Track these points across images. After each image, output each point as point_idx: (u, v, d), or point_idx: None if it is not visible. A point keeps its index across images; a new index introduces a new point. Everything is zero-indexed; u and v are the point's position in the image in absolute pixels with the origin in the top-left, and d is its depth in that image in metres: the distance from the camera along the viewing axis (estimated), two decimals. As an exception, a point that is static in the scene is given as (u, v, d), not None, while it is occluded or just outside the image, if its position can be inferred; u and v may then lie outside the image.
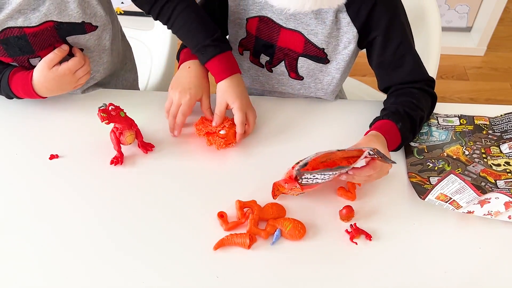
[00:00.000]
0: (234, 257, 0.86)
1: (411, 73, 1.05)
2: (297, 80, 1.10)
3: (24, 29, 0.98)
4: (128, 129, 0.97)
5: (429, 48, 1.28)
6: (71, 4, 0.98)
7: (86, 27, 1.03)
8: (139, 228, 0.90)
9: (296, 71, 1.09)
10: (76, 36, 1.04)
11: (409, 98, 1.02)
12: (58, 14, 0.98)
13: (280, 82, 1.12)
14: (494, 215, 0.90)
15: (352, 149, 0.91)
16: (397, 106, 1.01)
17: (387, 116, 1.00)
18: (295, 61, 1.07)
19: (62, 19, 0.99)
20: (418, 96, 1.03)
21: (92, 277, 0.83)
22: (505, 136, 1.06)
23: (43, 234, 0.89)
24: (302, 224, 0.89)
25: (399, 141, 0.99)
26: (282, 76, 1.11)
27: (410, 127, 1.00)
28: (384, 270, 0.85)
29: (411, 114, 1.00)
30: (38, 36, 1.00)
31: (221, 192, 0.96)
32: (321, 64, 1.07)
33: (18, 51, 1.02)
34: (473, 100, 2.32)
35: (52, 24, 0.99)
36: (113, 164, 0.99)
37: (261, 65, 1.12)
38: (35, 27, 0.99)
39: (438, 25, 1.27)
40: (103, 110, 0.92)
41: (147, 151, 1.01)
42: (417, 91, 1.04)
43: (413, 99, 1.02)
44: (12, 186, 0.97)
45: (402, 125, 0.98)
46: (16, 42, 1.00)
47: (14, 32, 0.99)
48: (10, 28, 0.98)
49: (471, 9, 2.49)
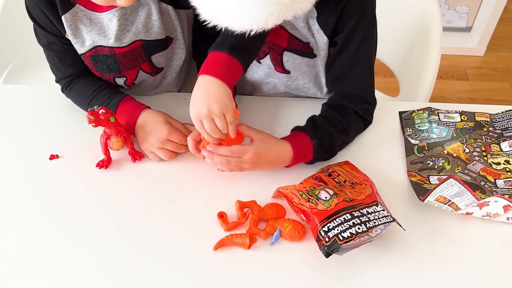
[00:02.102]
0: (234, 257, 0.86)
1: (354, 86, 1.03)
2: (283, 74, 1.09)
3: (114, 49, 1.01)
4: (115, 135, 0.97)
5: (429, 48, 1.28)
6: (156, 21, 1.00)
7: (168, 41, 1.05)
8: (139, 228, 0.90)
9: (282, 65, 1.06)
10: (160, 53, 1.06)
11: (341, 118, 1.01)
12: (145, 32, 1.01)
13: (267, 74, 1.10)
14: (492, 217, 0.90)
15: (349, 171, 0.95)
16: (323, 123, 0.99)
17: (306, 129, 0.98)
18: (280, 56, 1.04)
19: (149, 37, 1.02)
20: (351, 120, 1.02)
21: (92, 277, 0.83)
22: (505, 133, 1.06)
23: (43, 234, 0.89)
24: (301, 225, 0.89)
25: (311, 157, 0.97)
26: (269, 69, 1.09)
27: (327, 147, 0.99)
28: (384, 270, 0.85)
29: (334, 135, 0.99)
30: (126, 56, 1.03)
31: (221, 192, 0.96)
32: (307, 58, 1.04)
33: (105, 68, 1.04)
34: (473, 100, 2.32)
35: (141, 43, 1.02)
36: (98, 167, 0.99)
37: None
38: (125, 47, 1.01)
39: (439, 26, 1.27)
40: (92, 113, 0.92)
41: (135, 159, 1.01)
42: (352, 114, 1.03)
43: (344, 121, 1.01)
44: (12, 186, 0.97)
45: (318, 142, 0.96)
46: (105, 60, 1.03)
47: (104, 51, 1.02)
48: (101, 46, 1.01)
49: (471, 9, 2.49)
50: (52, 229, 0.89)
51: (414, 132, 1.07)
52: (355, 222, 0.83)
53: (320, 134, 0.98)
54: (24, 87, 1.22)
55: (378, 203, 0.88)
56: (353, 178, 0.94)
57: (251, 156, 0.91)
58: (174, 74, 1.13)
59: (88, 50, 1.01)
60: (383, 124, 1.10)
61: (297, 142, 0.96)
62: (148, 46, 1.03)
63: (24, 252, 0.86)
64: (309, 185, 0.91)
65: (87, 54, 1.02)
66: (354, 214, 0.84)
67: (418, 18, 1.30)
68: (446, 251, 0.87)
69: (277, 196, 0.94)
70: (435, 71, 1.29)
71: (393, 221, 0.85)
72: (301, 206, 0.88)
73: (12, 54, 1.54)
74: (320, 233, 0.83)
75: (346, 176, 0.94)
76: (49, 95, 1.16)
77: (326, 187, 0.90)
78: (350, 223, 0.83)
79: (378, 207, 0.87)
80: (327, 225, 0.83)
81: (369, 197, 0.89)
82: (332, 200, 0.87)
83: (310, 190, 0.90)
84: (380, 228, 0.83)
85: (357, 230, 0.82)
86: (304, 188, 0.90)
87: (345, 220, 0.84)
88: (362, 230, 0.82)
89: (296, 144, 0.96)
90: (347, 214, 0.84)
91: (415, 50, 1.34)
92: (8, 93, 1.19)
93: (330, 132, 0.99)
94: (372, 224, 0.83)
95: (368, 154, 1.03)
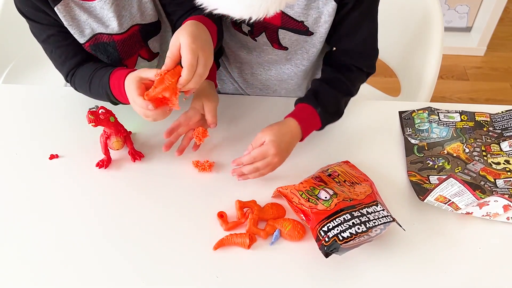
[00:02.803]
0: (234, 257, 0.86)
1: (362, 43, 1.03)
2: (282, 50, 1.08)
3: (113, 36, 1.01)
4: (115, 134, 0.97)
5: (430, 48, 1.28)
6: (147, 3, 1.00)
7: (160, 24, 1.06)
8: (139, 228, 0.90)
9: (279, 43, 1.05)
10: (155, 37, 1.06)
11: (344, 80, 1.03)
12: (140, 16, 1.01)
13: (265, 51, 1.10)
14: (492, 217, 0.90)
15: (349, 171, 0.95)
16: (326, 88, 1.01)
17: (308, 100, 1.00)
18: (276, 33, 1.04)
19: (144, 20, 1.02)
20: (354, 77, 1.04)
21: (93, 276, 0.83)
22: (505, 133, 1.06)
23: (43, 234, 0.89)
24: (301, 225, 0.89)
25: (319, 125, 1.00)
26: (266, 46, 1.08)
27: (333, 111, 1.01)
28: (383, 270, 0.85)
29: (338, 97, 1.01)
30: (125, 42, 1.03)
31: (221, 192, 0.96)
32: (304, 35, 1.03)
33: (106, 58, 1.04)
34: (473, 100, 2.32)
35: (138, 28, 1.02)
36: (98, 166, 0.99)
37: (244, 33, 1.08)
38: (124, 33, 1.01)
39: (441, 26, 1.27)
40: (92, 112, 0.92)
41: (135, 159, 1.01)
42: (355, 71, 1.04)
43: (348, 81, 1.03)
44: (12, 186, 0.97)
45: (322, 109, 0.98)
46: (105, 48, 1.02)
47: (103, 38, 1.01)
48: (100, 34, 1.00)
49: (471, 9, 2.49)
50: (52, 229, 0.89)
51: (414, 132, 1.07)
52: (355, 222, 0.83)
53: (323, 100, 0.99)
54: (24, 87, 1.22)
55: (378, 203, 0.88)
56: (353, 178, 0.94)
57: (274, 149, 0.91)
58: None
59: (88, 40, 1.01)
60: (383, 124, 1.10)
61: (301, 116, 0.98)
62: (145, 30, 1.04)
63: (24, 252, 0.86)
64: (309, 185, 0.91)
65: (86, 44, 1.01)
66: (354, 214, 0.84)
67: (419, 18, 1.30)
68: (446, 251, 0.87)
69: (277, 196, 0.94)
70: (436, 70, 1.29)
71: (393, 221, 0.85)
72: (301, 206, 0.88)
73: (12, 54, 1.54)
74: (320, 233, 0.83)
75: (346, 176, 0.94)
76: (49, 95, 1.16)
77: (326, 187, 0.90)
78: (350, 223, 0.83)
79: (378, 207, 0.87)
80: (326, 225, 0.83)
81: (369, 197, 0.89)
82: (332, 200, 0.87)
83: (310, 190, 0.90)
84: (380, 228, 0.83)
85: (357, 230, 0.82)
86: (304, 188, 0.90)
87: (345, 220, 0.84)
88: (362, 230, 0.82)
89: (301, 117, 0.97)
90: (347, 214, 0.84)
91: (416, 49, 1.34)
92: (8, 93, 1.19)
93: (334, 95, 1.01)
94: (372, 224, 0.83)
95: (368, 154, 1.03)
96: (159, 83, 0.83)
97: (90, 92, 1.01)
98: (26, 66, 1.55)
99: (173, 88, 0.84)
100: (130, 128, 1.04)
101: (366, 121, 1.11)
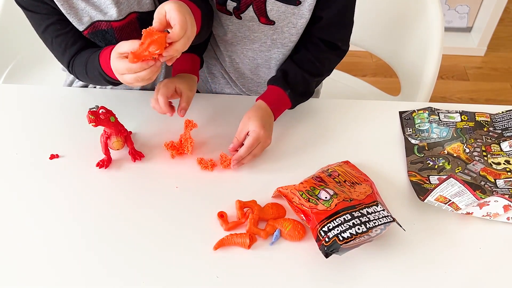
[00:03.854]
0: (234, 257, 0.86)
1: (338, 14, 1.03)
2: (268, 25, 1.06)
3: (112, 23, 1.01)
4: (115, 134, 0.97)
5: (431, 47, 1.29)
6: None
7: None
8: (139, 228, 0.90)
9: (266, 15, 1.04)
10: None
11: (314, 60, 1.07)
12: (138, 4, 1.02)
13: (251, 29, 1.08)
14: (492, 217, 0.90)
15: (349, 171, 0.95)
16: (296, 69, 1.07)
17: (278, 82, 1.06)
18: (263, 5, 1.02)
19: (142, 9, 1.03)
20: (324, 58, 1.08)
21: (93, 276, 0.83)
22: (505, 133, 1.06)
23: (43, 234, 0.89)
24: (301, 225, 0.89)
25: (290, 105, 1.07)
26: (252, 22, 1.06)
27: (302, 91, 1.07)
28: (384, 270, 0.84)
29: (308, 79, 1.07)
30: (124, 30, 1.03)
31: (221, 192, 0.96)
32: (292, 5, 1.02)
33: (104, 46, 1.02)
34: (473, 100, 2.32)
35: (135, 15, 1.03)
36: (98, 166, 0.99)
37: (229, 12, 1.06)
38: (122, 20, 1.01)
39: (441, 26, 1.27)
40: (92, 113, 0.92)
41: (135, 159, 1.01)
42: (326, 51, 1.07)
43: (318, 62, 1.07)
44: (12, 186, 0.97)
45: (292, 91, 1.05)
46: (103, 36, 1.02)
47: (102, 26, 1.01)
48: (99, 21, 1.00)
49: (471, 9, 2.49)
50: (52, 229, 0.89)
51: (414, 132, 1.07)
52: (355, 222, 0.83)
53: (293, 82, 1.06)
54: (25, 86, 1.22)
55: (378, 203, 0.88)
56: (353, 178, 0.94)
57: (263, 132, 0.98)
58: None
59: (87, 27, 1.00)
60: (383, 124, 1.10)
61: (271, 99, 1.05)
62: (143, 18, 1.03)
63: (24, 252, 0.86)
64: (309, 185, 0.91)
65: (85, 32, 1.01)
66: (354, 215, 0.84)
67: (420, 17, 1.31)
68: (446, 251, 0.87)
69: (277, 196, 0.94)
70: (436, 70, 1.29)
71: (393, 221, 0.85)
72: (301, 206, 0.88)
73: (12, 54, 1.54)
74: (320, 233, 0.83)
75: (346, 176, 0.94)
76: (49, 95, 1.16)
77: (326, 187, 0.90)
78: (350, 223, 0.83)
79: (378, 207, 0.87)
80: (327, 225, 0.83)
81: (369, 197, 0.89)
82: (332, 200, 0.87)
83: (310, 190, 0.90)
84: (380, 228, 0.83)
85: (357, 231, 0.82)
86: (304, 188, 0.90)
87: (345, 221, 0.84)
88: (362, 230, 0.82)
89: (271, 100, 1.04)
90: (347, 215, 0.84)
91: (416, 49, 1.34)
92: (8, 92, 1.19)
93: (303, 77, 1.07)
94: (372, 224, 0.83)
95: (368, 154, 1.03)
96: (147, 36, 0.80)
97: (88, 77, 1.02)
98: (26, 66, 1.55)
99: (161, 43, 0.80)
100: (131, 128, 1.04)
101: (366, 121, 1.11)
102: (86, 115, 0.91)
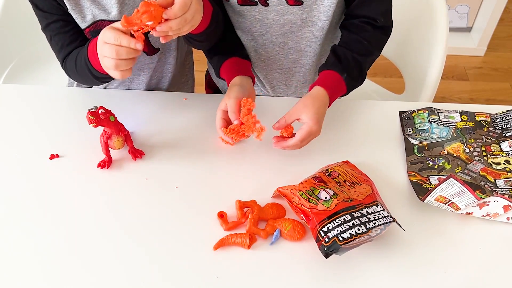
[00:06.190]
0: (234, 257, 0.86)
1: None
2: (297, 6, 1.05)
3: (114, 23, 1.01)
4: (116, 134, 0.97)
5: (435, 47, 1.29)
6: None
7: None
8: (139, 228, 0.90)
9: None
10: None
11: (360, 39, 1.03)
12: None
13: (280, 13, 1.07)
14: (492, 217, 0.90)
15: (349, 170, 0.95)
16: (347, 53, 1.02)
17: (333, 66, 1.01)
18: None
19: None
20: (370, 36, 1.04)
21: (92, 276, 0.83)
22: (505, 133, 1.06)
23: (43, 234, 0.89)
24: (301, 225, 0.89)
25: (345, 91, 1.02)
26: (280, 5, 1.06)
27: (357, 75, 1.03)
28: (383, 270, 0.84)
29: (360, 61, 1.02)
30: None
31: (221, 192, 0.96)
32: None
33: None
34: (473, 100, 2.32)
35: None
36: (99, 167, 0.99)
37: (253, 3, 1.06)
38: None
39: (445, 26, 1.27)
40: (92, 113, 0.92)
41: (136, 158, 1.01)
42: (370, 30, 1.04)
43: (364, 40, 1.03)
44: (12, 186, 0.97)
45: (348, 75, 1.00)
46: None
47: (104, 26, 1.00)
48: (101, 21, 1.00)
49: (471, 9, 2.49)
50: (53, 229, 0.89)
51: (414, 132, 1.07)
52: (355, 223, 0.83)
53: (347, 66, 1.01)
54: (25, 86, 1.22)
55: (378, 203, 0.88)
56: (353, 178, 0.94)
57: (317, 126, 0.94)
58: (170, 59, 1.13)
59: (89, 26, 1.01)
60: (383, 124, 1.10)
61: (330, 84, 0.99)
62: None
63: (25, 252, 0.86)
64: (309, 185, 0.91)
65: (87, 30, 1.01)
66: (354, 215, 0.84)
67: (425, 17, 1.31)
68: (446, 251, 0.87)
69: (277, 196, 0.94)
70: (439, 70, 1.29)
71: (393, 221, 0.85)
72: (301, 206, 0.88)
73: (12, 54, 1.54)
74: (320, 233, 0.83)
75: (346, 176, 0.94)
76: (49, 95, 1.16)
77: (326, 187, 0.90)
78: (350, 224, 0.83)
79: (378, 207, 0.87)
80: (327, 226, 0.83)
81: (369, 197, 0.89)
82: (332, 200, 0.87)
83: (310, 190, 0.90)
84: (380, 228, 0.83)
85: (357, 231, 0.82)
86: (304, 188, 0.90)
87: (345, 221, 0.84)
88: (362, 231, 0.82)
89: (329, 86, 0.99)
90: (347, 215, 0.84)
91: (421, 49, 1.34)
92: (8, 92, 1.19)
93: (356, 60, 1.02)
94: (372, 225, 0.83)
95: (368, 154, 1.03)
96: (144, 6, 0.79)
97: (78, 73, 1.02)
98: (27, 66, 1.55)
99: (157, 16, 0.79)
100: (129, 128, 1.04)
101: (366, 121, 1.11)
102: (86, 116, 0.92)
